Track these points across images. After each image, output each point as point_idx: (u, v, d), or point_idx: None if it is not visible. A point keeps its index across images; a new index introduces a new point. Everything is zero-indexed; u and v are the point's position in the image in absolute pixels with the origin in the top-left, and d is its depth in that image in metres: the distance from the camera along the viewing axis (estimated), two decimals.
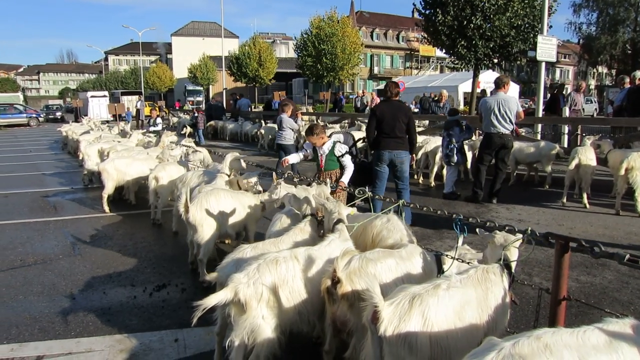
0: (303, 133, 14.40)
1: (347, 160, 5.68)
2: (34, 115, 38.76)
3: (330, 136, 6.19)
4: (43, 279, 5.34)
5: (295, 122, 11.47)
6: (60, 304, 4.68)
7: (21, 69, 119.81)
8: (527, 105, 29.89)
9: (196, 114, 21.20)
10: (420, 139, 11.21)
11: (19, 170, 13.72)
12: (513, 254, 3.22)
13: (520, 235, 3.24)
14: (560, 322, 3.04)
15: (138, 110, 28.00)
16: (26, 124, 36.95)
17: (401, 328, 2.43)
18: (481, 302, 2.74)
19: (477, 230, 3.46)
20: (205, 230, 4.90)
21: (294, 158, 6.20)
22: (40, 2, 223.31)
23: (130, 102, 41.71)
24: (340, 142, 5.93)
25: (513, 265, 3.18)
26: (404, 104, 7.15)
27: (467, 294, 2.70)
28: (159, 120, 17.29)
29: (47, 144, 21.80)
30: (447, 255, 3.56)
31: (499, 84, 8.37)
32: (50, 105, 56.57)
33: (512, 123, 8.22)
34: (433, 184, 10.15)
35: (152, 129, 15.73)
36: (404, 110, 6.89)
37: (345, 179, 5.56)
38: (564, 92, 15.21)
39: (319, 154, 5.81)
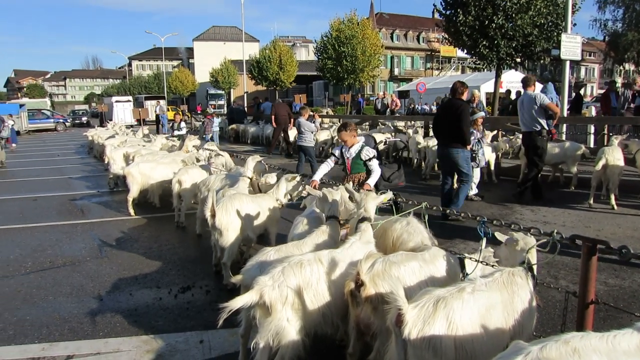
0: (319, 136, 14.57)
1: (374, 165, 5.60)
2: (61, 120, 39.68)
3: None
4: (72, 280, 5.47)
5: (313, 123, 11.62)
6: (88, 304, 4.79)
7: (48, 75, 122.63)
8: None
9: (203, 120, 21.30)
10: None
11: (47, 174, 14.05)
12: (533, 257, 3.20)
13: (533, 240, 3.21)
14: (588, 326, 2.99)
15: (157, 116, 28.23)
16: (53, 129, 37.85)
17: (425, 331, 2.43)
18: (507, 305, 2.71)
19: (496, 233, 3.43)
20: (231, 234, 4.95)
21: (323, 169, 5.71)
22: (66, 10, 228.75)
23: (153, 107, 42.37)
24: (365, 145, 5.87)
25: (534, 268, 3.15)
26: (459, 102, 7.30)
27: (493, 297, 2.68)
28: (183, 124, 17.42)
29: (73, 149, 22.27)
30: (470, 258, 3.54)
31: (526, 83, 8.42)
32: (76, 110, 57.63)
33: (537, 121, 8.15)
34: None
35: (176, 133, 15.91)
36: (454, 107, 7.20)
37: (371, 181, 5.49)
38: (615, 89, 14.81)
39: (346, 157, 5.74)
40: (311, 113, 12.21)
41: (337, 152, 5.87)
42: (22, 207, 9.46)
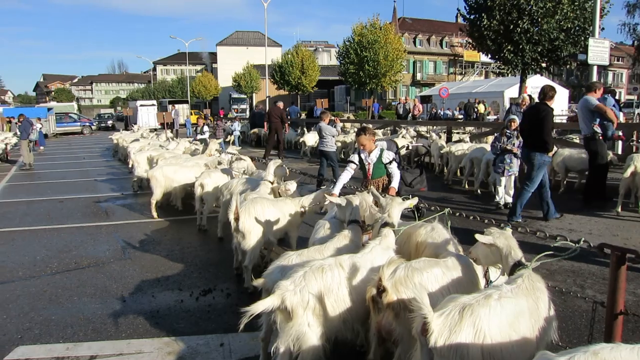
0: (340, 139, 14.54)
1: (395, 168, 5.61)
2: (87, 124, 40.47)
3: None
4: (96, 281, 5.55)
5: (334, 127, 11.61)
6: (111, 306, 4.85)
7: (76, 80, 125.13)
8: (577, 111, 28.78)
9: (215, 124, 21.12)
10: (465, 146, 11.05)
11: (73, 177, 14.34)
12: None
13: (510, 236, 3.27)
14: (616, 338, 2.92)
15: (173, 120, 28.30)
16: (80, 132, 38.62)
17: (452, 340, 2.39)
18: (533, 312, 2.67)
19: (476, 235, 3.38)
20: (253, 237, 4.98)
21: (343, 179, 5.54)
22: (93, 16, 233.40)
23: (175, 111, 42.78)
24: (384, 149, 5.86)
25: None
26: (544, 107, 7.24)
27: (520, 304, 2.63)
28: (206, 128, 17.58)
29: (99, 151, 22.69)
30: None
31: (587, 88, 8.47)
32: (102, 114, 58.70)
33: (589, 126, 8.16)
34: (478, 191, 9.94)
35: (199, 137, 16.06)
36: (538, 112, 7.20)
37: (395, 184, 5.48)
38: None
39: (366, 163, 5.70)
40: (332, 117, 12.18)
41: (355, 159, 5.78)
42: (48, 209, 9.66)
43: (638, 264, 4.90)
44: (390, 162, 5.60)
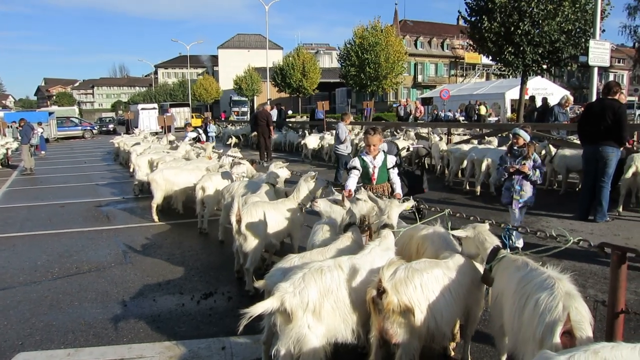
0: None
1: (395, 173, 5.54)
2: (89, 128, 40.55)
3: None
4: (97, 286, 5.55)
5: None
6: (112, 310, 4.85)
7: (77, 84, 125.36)
8: (578, 112, 28.72)
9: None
10: (466, 147, 11.05)
11: (74, 181, 14.35)
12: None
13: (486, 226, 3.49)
14: (618, 337, 2.92)
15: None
16: (81, 136, 38.72)
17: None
18: None
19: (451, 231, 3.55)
20: (254, 239, 4.99)
21: (351, 185, 5.29)
22: (94, 19, 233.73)
23: (179, 114, 42.81)
24: (385, 151, 5.81)
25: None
26: (617, 102, 7.13)
27: None
28: (190, 134, 17.07)
29: (100, 155, 22.71)
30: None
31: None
32: (103, 117, 58.73)
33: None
34: (478, 191, 9.93)
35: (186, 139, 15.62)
36: (613, 107, 7.03)
37: (399, 190, 5.41)
38: None
39: (371, 166, 5.45)
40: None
41: (357, 164, 5.49)
42: (49, 214, 9.66)
43: (639, 263, 4.89)
44: (393, 167, 5.54)
